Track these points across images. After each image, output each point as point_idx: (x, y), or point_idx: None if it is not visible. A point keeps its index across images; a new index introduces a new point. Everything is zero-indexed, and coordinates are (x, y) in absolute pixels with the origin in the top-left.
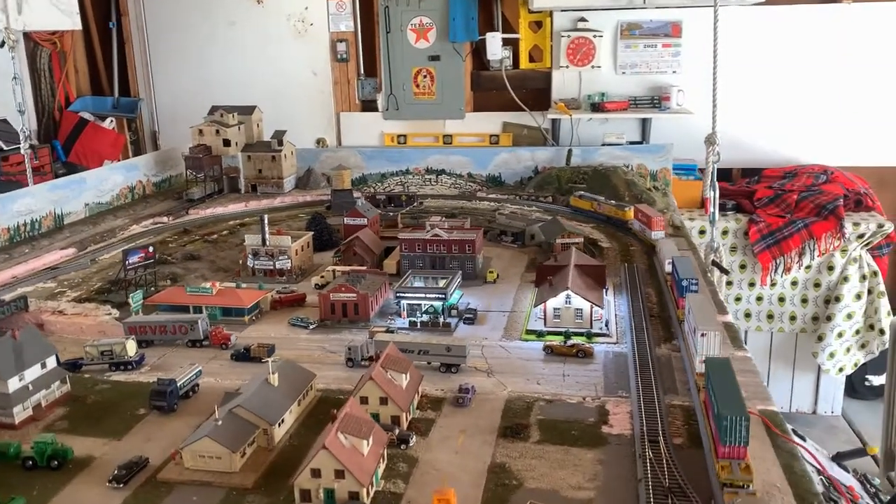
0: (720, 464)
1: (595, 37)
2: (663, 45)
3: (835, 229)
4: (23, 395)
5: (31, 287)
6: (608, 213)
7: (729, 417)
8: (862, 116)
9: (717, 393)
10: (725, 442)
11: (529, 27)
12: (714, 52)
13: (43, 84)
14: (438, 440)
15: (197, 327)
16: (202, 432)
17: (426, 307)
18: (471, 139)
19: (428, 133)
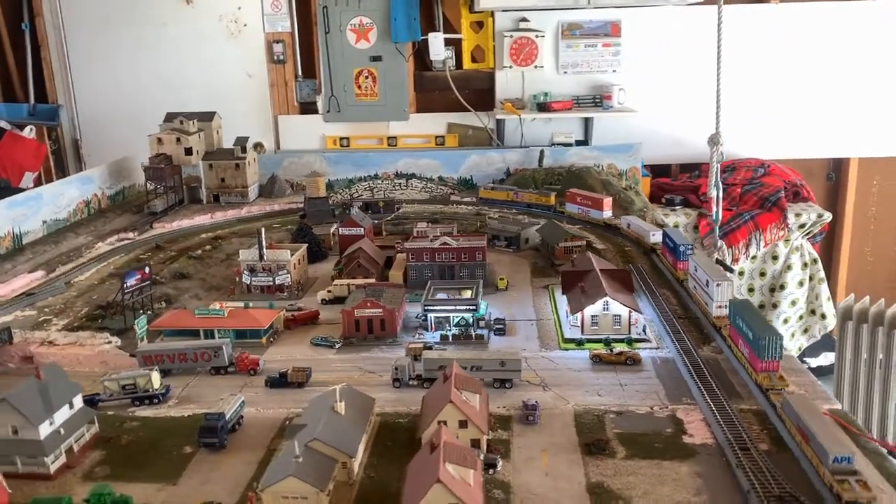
0: (761, 375)
1: (537, 37)
2: (603, 45)
3: (779, 220)
4: (55, 440)
5: (9, 316)
6: (529, 200)
7: (766, 337)
8: (789, 111)
9: (748, 323)
10: (763, 357)
11: (471, 27)
12: (718, 53)
13: None
14: (523, 462)
15: (221, 353)
16: (282, 471)
17: (457, 320)
18: (416, 141)
19: (372, 135)
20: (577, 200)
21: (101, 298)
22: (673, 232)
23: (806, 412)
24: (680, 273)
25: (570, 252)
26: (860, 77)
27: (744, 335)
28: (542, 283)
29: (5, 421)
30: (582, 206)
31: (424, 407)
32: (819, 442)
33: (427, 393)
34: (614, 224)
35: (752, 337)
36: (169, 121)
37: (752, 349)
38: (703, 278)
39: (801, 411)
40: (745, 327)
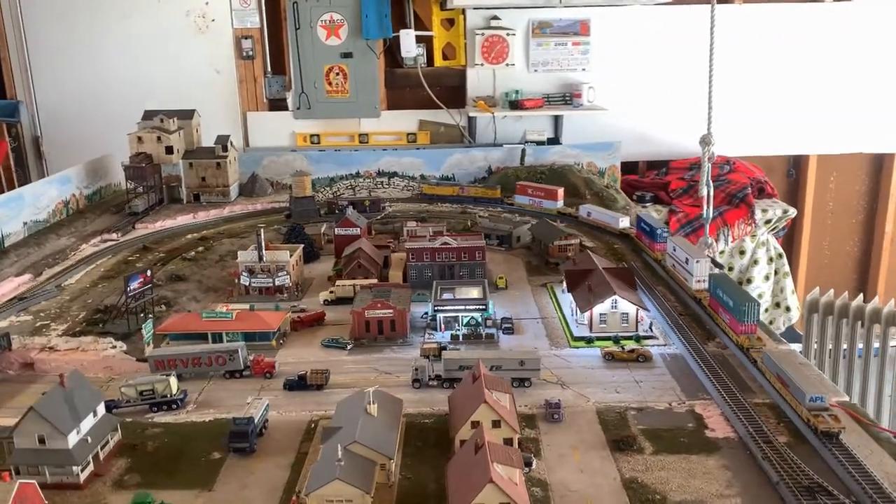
0: (741, 337)
1: (508, 35)
2: (573, 44)
3: (746, 216)
4: (83, 449)
5: (4, 322)
6: (475, 194)
7: (746, 304)
8: (750, 108)
9: (727, 293)
10: (743, 321)
11: (442, 25)
12: (710, 54)
13: None
14: (555, 459)
15: (237, 357)
16: (326, 474)
17: (467, 319)
18: (387, 138)
19: (342, 132)
20: (528, 192)
21: (96, 302)
22: (647, 217)
23: (783, 363)
24: (657, 254)
25: (564, 250)
26: (819, 76)
27: (724, 304)
28: (539, 281)
29: (32, 430)
30: (533, 198)
31: (454, 407)
32: (797, 386)
33: (453, 393)
34: (571, 213)
35: (733, 304)
36: (148, 118)
37: (733, 315)
38: (682, 256)
39: (779, 362)
40: (725, 297)
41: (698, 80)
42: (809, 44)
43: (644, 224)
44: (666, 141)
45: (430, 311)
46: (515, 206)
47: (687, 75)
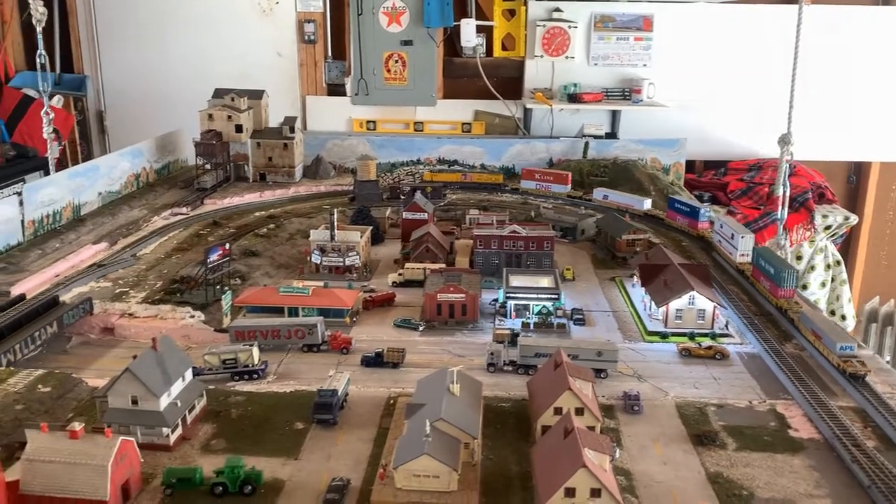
0: (781, 300)
1: (570, 27)
2: (635, 39)
3: (806, 221)
4: (173, 412)
5: (85, 287)
6: (479, 180)
7: (785, 271)
8: (812, 112)
9: (770, 263)
10: (782, 286)
11: (503, 15)
12: (795, 54)
13: None
14: (637, 450)
15: (316, 331)
16: (414, 449)
17: (539, 308)
18: (442, 127)
19: (398, 119)
20: (536, 177)
21: (172, 273)
22: (679, 200)
23: (817, 319)
24: (701, 231)
25: (632, 245)
26: (885, 81)
27: (765, 272)
28: (606, 274)
29: (126, 391)
30: (541, 183)
31: (534, 393)
32: (829, 337)
33: (533, 379)
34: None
35: (774, 272)
36: (218, 97)
37: (774, 281)
38: (728, 232)
39: (813, 319)
40: (767, 265)
41: (761, 81)
42: (876, 47)
43: (681, 204)
44: (725, 141)
45: (500, 297)
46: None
47: (749, 75)
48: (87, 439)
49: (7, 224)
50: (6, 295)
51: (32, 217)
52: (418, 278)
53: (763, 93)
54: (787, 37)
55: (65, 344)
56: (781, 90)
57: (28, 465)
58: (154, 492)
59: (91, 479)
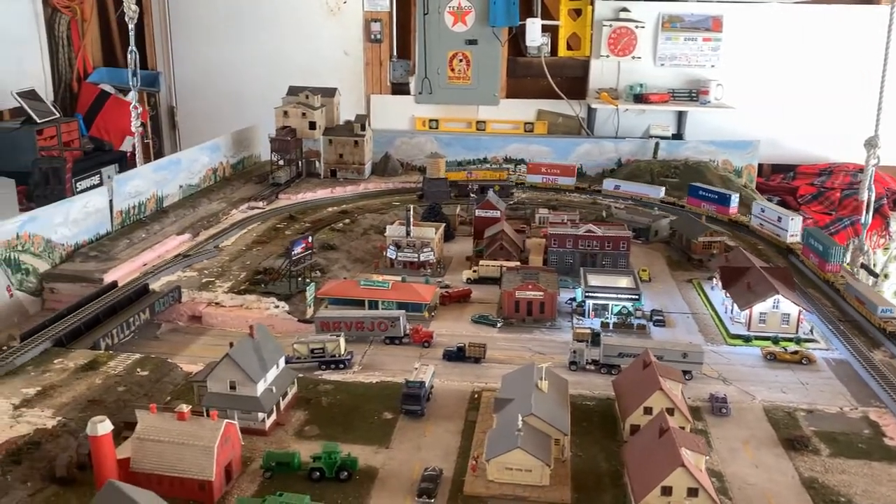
0: (828, 275)
1: (637, 27)
2: (704, 39)
3: (881, 228)
4: (269, 398)
5: (172, 276)
6: (482, 177)
7: (832, 248)
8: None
9: (818, 241)
10: (830, 261)
11: (569, 15)
12: (885, 55)
13: (61, 53)
14: (727, 452)
15: (398, 324)
16: (506, 443)
17: (619, 308)
18: (504, 126)
19: (460, 118)
20: (542, 171)
21: (254, 264)
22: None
23: (860, 288)
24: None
25: (709, 247)
26: None
27: (815, 249)
28: (682, 276)
29: (225, 376)
30: (547, 176)
31: (621, 392)
32: (871, 301)
33: (619, 378)
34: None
35: (822, 249)
36: (293, 94)
37: (822, 258)
38: (774, 216)
39: (857, 287)
40: (816, 243)
41: (835, 83)
42: None
43: (705, 192)
44: (794, 144)
45: (577, 296)
46: (530, 183)
47: (822, 77)
48: (193, 421)
49: (97, 214)
50: (99, 282)
51: (120, 208)
52: (493, 275)
53: (837, 96)
54: (862, 38)
55: (155, 330)
56: (857, 93)
57: (138, 444)
58: (253, 474)
59: (198, 460)
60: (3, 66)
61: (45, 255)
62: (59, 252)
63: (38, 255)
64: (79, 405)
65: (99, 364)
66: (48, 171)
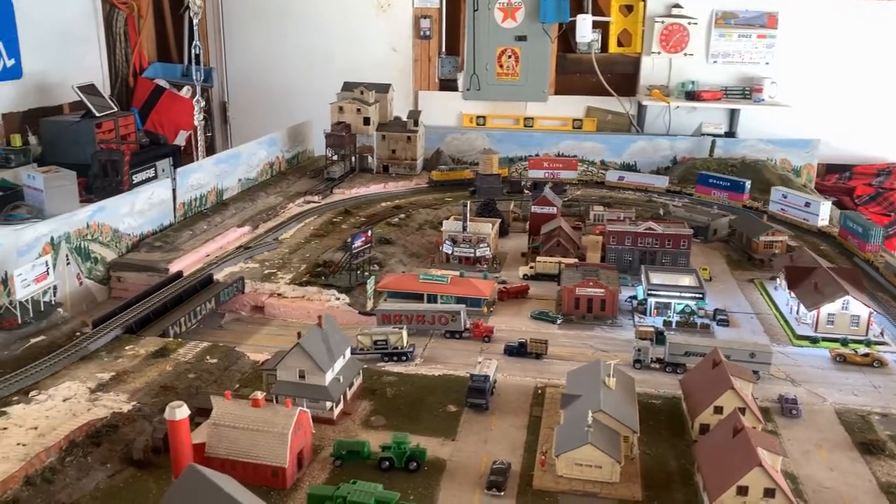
0: (868, 254)
1: (690, 24)
2: (758, 36)
3: None
4: (336, 387)
5: (235, 267)
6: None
7: (872, 229)
8: None
9: (856, 223)
10: (869, 242)
11: (620, 11)
12: None
13: (118, 48)
14: (799, 454)
15: (459, 318)
16: (576, 438)
17: (682, 306)
18: (553, 123)
19: (508, 115)
20: (544, 166)
21: (314, 256)
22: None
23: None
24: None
25: (770, 246)
26: None
27: (853, 231)
28: (743, 275)
29: (294, 365)
30: (550, 171)
31: (690, 391)
32: None
33: (687, 377)
34: None
35: (862, 230)
36: (348, 90)
37: (861, 238)
38: (800, 202)
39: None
40: (855, 225)
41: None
42: None
43: (716, 179)
44: (851, 144)
45: (638, 294)
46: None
47: (879, 76)
48: (268, 408)
49: (161, 206)
50: (165, 272)
51: (183, 200)
52: (551, 272)
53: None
54: None
55: (219, 320)
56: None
57: (213, 430)
58: (324, 462)
59: (272, 446)
60: (65, 62)
61: (112, 244)
62: (125, 242)
63: (105, 245)
64: (151, 390)
65: (169, 351)
66: (107, 164)
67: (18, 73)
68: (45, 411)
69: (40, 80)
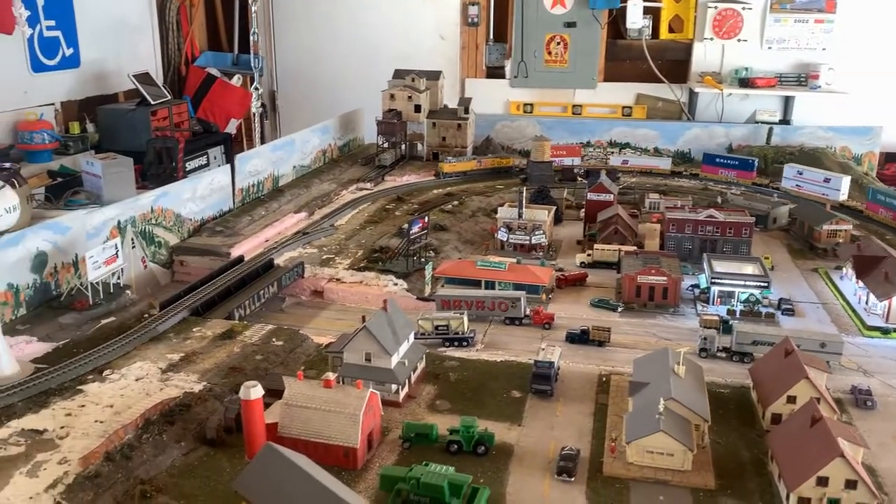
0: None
1: (744, 9)
2: (815, 21)
3: None
4: (401, 370)
5: (294, 252)
6: (492, 164)
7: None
8: None
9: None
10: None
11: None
12: None
13: (171, 37)
14: (876, 447)
15: (519, 305)
16: (647, 426)
17: (746, 295)
18: (601, 110)
19: (556, 102)
20: (554, 153)
21: (369, 242)
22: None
23: None
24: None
25: (834, 235)
26: None
27: (884, 203)
28: (806, 265)
29: (361, 348)
30: (554, 158)
31: (761, 380)
32: None
33: (757, 366)
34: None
35: None
36: (399, 77)
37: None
38: (818, 177)
39: None
40: (886, 199)
41: None
42: None
43: (722, 159)
44: None
45: (700, 283)
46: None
47: None
48: (339, 389)
49: (221, 191)
50: (227, 256)
51: (241, 186)
52: (609, 259)
53: None
54: None
55: (280, 303)
56: None
57: (286, 410)
58: (392, 444)
59: (344, 427)
60: (120, 51)
61: (175, 228)
62: (187, 226)
63: (168, 229)
64: (221, 371)
65: (235, 333)
66: (161, 151)
67: (77, 62)
68: (119, 390)
69: (97, 69)
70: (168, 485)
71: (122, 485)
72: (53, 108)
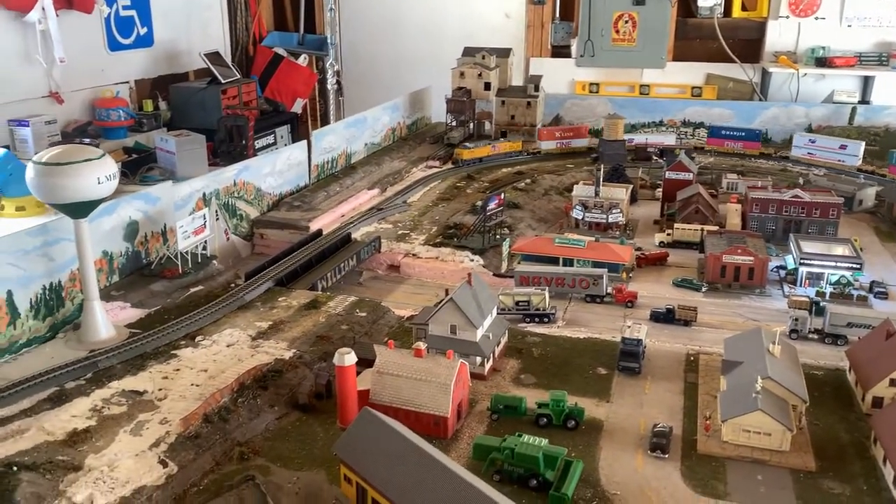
0: None
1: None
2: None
3: None
4: (486, 344)
5: (370, 227)
6: (504, 150)
7: None
8: None
9: None
10: None
11: None
12: None
13: (239, 17)
14: None
15: (601, 282)
16: (745, 404)
17: (836, 277)
18: (670, 90)
19: (622, 82)
20: (556, 136)
21: (443, 219)
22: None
23: None
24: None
25: None
26: None
27: None
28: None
29: (446, 320)
30: (561, 140)
31: (860, 363)
32: None
33: (855, 348)
34: None
35: None
36: (469, 55)
37: None
38: (835, 144)
39: None
40: None
41: None
42: None
43: (728, 130)
44: None
45: (787, 264)
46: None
47: None
48: (430, 359)
49: (298, 167)
50: (306, 230)
51: (317, 162)
52: (690, 239)
53: None
54: None
55: (357, 277)
56: None
57: (378, 378)
58: (480, 415)
59: (435, 396)
60: (191, 31)
61: (255, 202)
62: (266, 200)
63: (249, 203)
64: (308, 339)
65: (319, 304)
66: (232, 129)
67: (150, 41)
68: (212, 355)
69: (169, 48)
70: (264, 447)
71: (221, 446)
72: (128, 86)
